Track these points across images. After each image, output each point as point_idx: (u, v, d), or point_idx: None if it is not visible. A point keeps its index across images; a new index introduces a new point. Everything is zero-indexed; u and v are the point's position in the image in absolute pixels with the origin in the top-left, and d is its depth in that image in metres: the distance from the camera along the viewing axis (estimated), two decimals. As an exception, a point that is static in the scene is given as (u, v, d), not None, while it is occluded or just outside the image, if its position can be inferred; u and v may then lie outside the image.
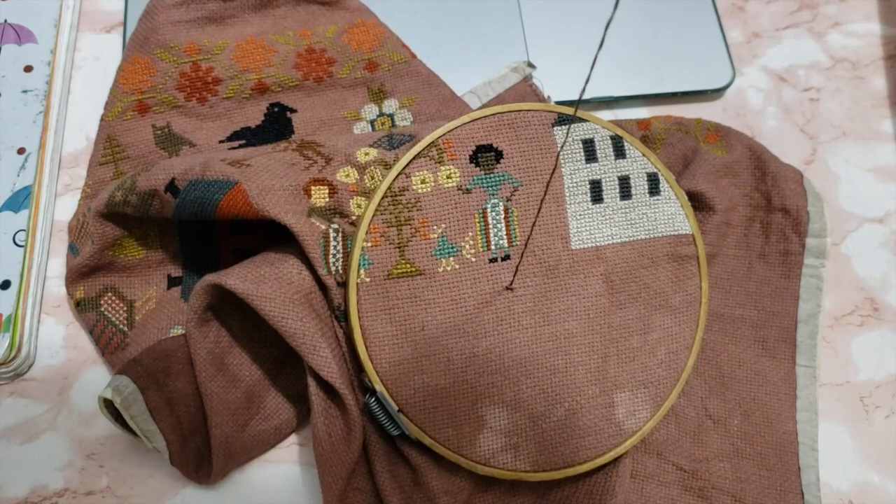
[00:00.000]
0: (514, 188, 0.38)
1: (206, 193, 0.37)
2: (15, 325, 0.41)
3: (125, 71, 0.45)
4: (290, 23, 0.47)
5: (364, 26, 0.48)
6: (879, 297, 0.47)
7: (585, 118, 0.39)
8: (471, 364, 0.37)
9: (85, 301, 0.42)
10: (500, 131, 0.38)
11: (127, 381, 0.37)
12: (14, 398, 0.41)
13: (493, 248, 0.38)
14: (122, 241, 0.42)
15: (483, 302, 0.37)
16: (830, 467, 0.42)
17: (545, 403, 0.38)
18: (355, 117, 0.47)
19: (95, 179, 0.45)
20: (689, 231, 0.39)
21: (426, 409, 0.36)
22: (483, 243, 0.38)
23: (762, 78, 0.52)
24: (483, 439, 0.37)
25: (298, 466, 0.41)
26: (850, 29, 0.54)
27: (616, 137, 0.39)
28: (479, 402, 0.37)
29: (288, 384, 0.40)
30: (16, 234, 0.43)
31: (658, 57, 0.50)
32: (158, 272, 0.43)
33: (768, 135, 0.50)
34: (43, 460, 0.40)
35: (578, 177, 0.39)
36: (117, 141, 0.45)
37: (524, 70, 0.47)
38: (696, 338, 0.39)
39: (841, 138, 0.51)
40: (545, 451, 0.37)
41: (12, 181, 0.44)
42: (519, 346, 0.37)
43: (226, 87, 0.45)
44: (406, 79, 0.47)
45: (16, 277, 0.42)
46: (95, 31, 0.50)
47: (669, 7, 0.52)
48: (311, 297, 0.37)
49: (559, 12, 0.51)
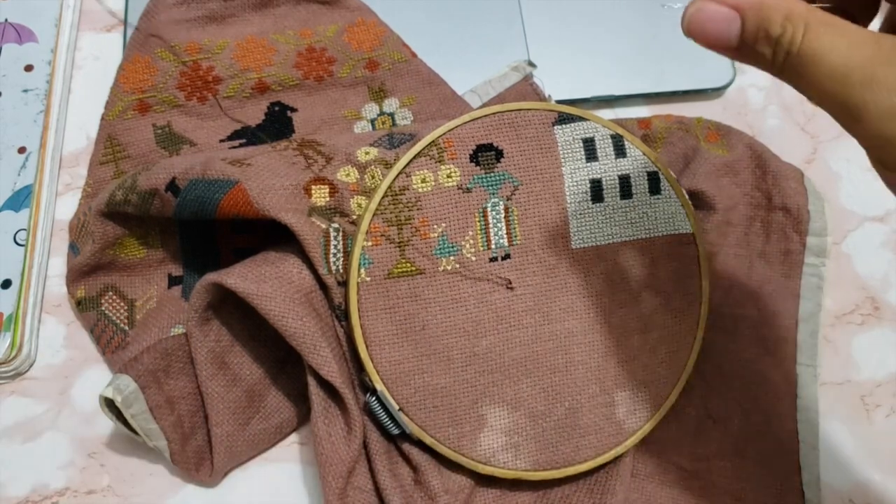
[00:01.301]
0: (514, 187, 0.38)
1: (207, 193, 0.37)
2: (16, 324, 0.41)
3: (126, 70, 0.45)
4: (290, 22, 0.47)
5: (364, 25, 0.48)
6: (880, 296, 0.46)
7: (586, 117, 0.39)
8: (471, 363, 0.37)
9: (86, 300, 0.42)
10: (500, 130, 0.38)
11: (128, 380, 0.37)
12: (15, 397, 0.41)
13: (493, 247, 0.38)
14: (122, 241, 0.42)
15: (483, 301, 0.37)
16: (831, 466, 0.42)
17: (545, 402, 0.38)
18: (356, 116, 0.47)
19: (96, 179, 0.45)
20: (690, 230, 0.39)
21: (426, 408, 0.37)
22: (483, 242, 0.38)
23: (763, 77, 0.52)
24: (483, 438, 0.37)
25: (299, 465, 0.41)
26: (850, 28, 0.54)
27: (616, 136, 0.39)
28: (480, 401, 0.37)
29: (289, 383, 0.41)
30: (16, 233, 0.43)
31: (658, 56, 0.50)
32: (159, 271, 0.43)
33: (769, 134, 0.50)
34: (44, 459, 0.40)
35: (579, 176, 0.39)
36: (118, 140, 0.45)
37: (525, 69, 0.47)
38: (697, 337, 0.39)
39: (841, 137, 0.51)
40: (545, 450, 0.38)
41: (13, 180, 0.44)
42: (519, 346, 0.37)
43: (226, 87, 0.46)
44: (406, 78, 0.47)
45: (16, 277, 0.42)
46: (96, 31, 0.50)
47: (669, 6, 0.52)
48: (312, 297, 0.37)
49: (560, 11, 0.51)
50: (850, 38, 0.23)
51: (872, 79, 0.22)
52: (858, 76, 0.22)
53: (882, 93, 0.22)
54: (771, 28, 0.23)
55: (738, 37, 0.24)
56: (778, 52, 0.24)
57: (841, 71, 0.22)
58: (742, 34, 0.24)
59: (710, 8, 0.24)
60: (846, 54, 0.22)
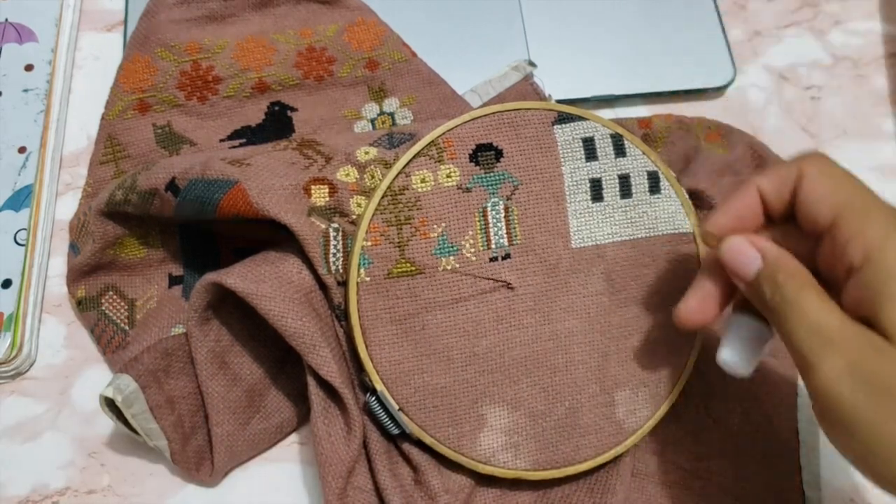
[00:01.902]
0: (514, 187, 0.38)
1: (207, 193, 0.37)
2: (16, 324, 0.41)
3: (126, 70, 0.45)
4: (290, 22, 0.47)
5: (364, 25, 0.48)
6: (881, 296, 0.46)
7: (585, 116, 0.39)
8: (471, 363, 0.37)
9: (86, 300, 0.42)
10: (499, 130, 0.38)
11: (128, 380, 0.37)
12: (15, 397, 0.41)
13: (493, 247, 0.38)
14: (123, 240, 0.42)
15: (483, 301, 0.37)
16: (831, 466, 0.42)
17: (545, 402, 0.38)
18: (356, 116, 0.47)
19: (96, 178, 0.45)
20: (690, 229, 0.39)
21: (426, 407, 0.36)
22: (483, 242, 0.38)
23: (763, 76, 0.52)
24: (483, 438, 0.37)
25: (299, 465, 0.41)
26: (851, 27, 0.54)
27: (616, 136, 0.39)
28: (480, 400, 0.37)
29: (288, 383, 0.41)
30: (17, 233, 0.43)
31: (659, 55, 0.50)
32: (159, 271, 0.43)
33: (770, 133, 0.50)
34: (44, 459, 0.40)
35: (579, 175, 0.39)
36: (118, 140, 0.45)
37: (525, 69, 0.47)
38: (697, 336, 0.39)
39: (842, 137, 0.51)
40: (545, 449, 0.37)
41: (13, 180, 0.44)
42: (519, 345, 0.37)
43: (226, 86, 0.46)
44: (406, 77, 0.47)
45: (17, 276, 0.42)
46: (96, 30, 0.50)
47: (670, 5, 0.52)
48: (311, 297, 0.37)
49: (560, 11, 0.51)
50: (829, 307, 0.28)
51: (830, 343, 0.27)
52: (821, 337, 0.27)
53: (836, 358, 0.27)
54: (779, 276, 0.29)
55: (755, 273, 0.30)
56: (775, 295, 0.29)
57: (813, 329, 0.28)
58: (759, 273, 0.30)
59: (745, 246, 0.31)
60: (823, 319, 0.28)
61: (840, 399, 0.27)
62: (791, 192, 0.30)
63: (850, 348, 0.27)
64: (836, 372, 0.27)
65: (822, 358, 0.27)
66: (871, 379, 0.26)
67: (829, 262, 0.30)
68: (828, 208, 0.29)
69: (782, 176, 0.31)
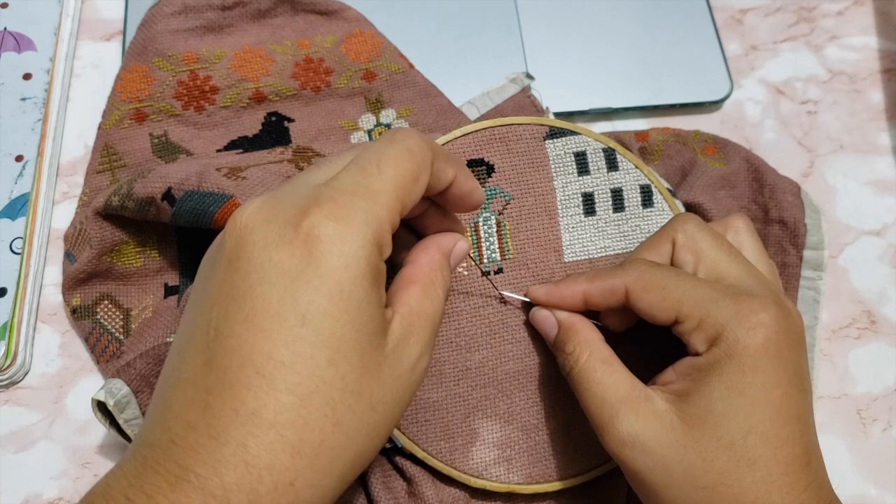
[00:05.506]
0: (505, 202, 0.38)
1: (202, 205, 0.37)
2: (11, 332, 0.41)
3: (123, 79, 0.45)
4: (288, 32, 0.47)
5: (362, 36, 0.48)
6: (877, 310, 0.46)
7: (577, 130, 0.39)
8: (463, 377, 0.37)
9: (81, 309, 0.42)
10: (491, 145, 0.38)
11: (121, 385, 0.37)
12: (9, 406, 0.41)
13: (485, 261, 0.38)
14: (120, 248, 0.42)
15: (476, 315, 0.37)
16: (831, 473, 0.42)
17: (539, 416, 0.37)
18: (352, 127, 0.47)
19: (93, 187, 0.45)
20: (685, 244, 0.39)
21: (418, 421, 0.36)
22: (475, 257, 0.38)
23: (760, 90, 0.52)
24: (476, 452, 0.37)
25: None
26: (847, 42, 0.54)
27: (608, 150, 0.39)
28: (472, 414, 0.37)
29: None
30: (13, 241, 0.43)
31: (656, 69, 0.51)
32: (156, 281, 0.43)
33: (766, 147, 0.50)
34: (37, 469, 0.40)
35: (571, 189, 0.39)
36: (114, 149, 0.45)
37: (522, 81, 0.47)
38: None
39: (838, 151, 0.51)
40: (539, 463, 0.37)
41: (10, 188, 0.44)
42: (512, 359, 0.37)
43: (223, 96, 0.46)
44: (403, 89, 0.48)
45: (12, 285, 0.42)
46: (95, 40, 0.50)
47: (668, 19, 0.52)
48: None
49: (558, 23, 0.51)
50: (614, 378, 0.31)
51: (616, 415, 0.30)
52: (608, 410, 0.30)
53: (620, 426, 0.29)
54: (566, 345, 0.33)
55: (553, 338, 0.34)
56: (566, 363, 0.33)
57: (600, 398, 0.31)
58: (555, 338, 0.34)
59: (544, 314, 0.35)
60: (607, 389, 0.31)
61: (629, 463, 0.29)
62: (620, 302, 0.32)
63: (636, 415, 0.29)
64: (621, 437, 0.29)
65: (607, 426, 0.30)
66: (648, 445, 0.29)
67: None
68: (664, 314, 0.31)
69: (608, 288, 0.33)
